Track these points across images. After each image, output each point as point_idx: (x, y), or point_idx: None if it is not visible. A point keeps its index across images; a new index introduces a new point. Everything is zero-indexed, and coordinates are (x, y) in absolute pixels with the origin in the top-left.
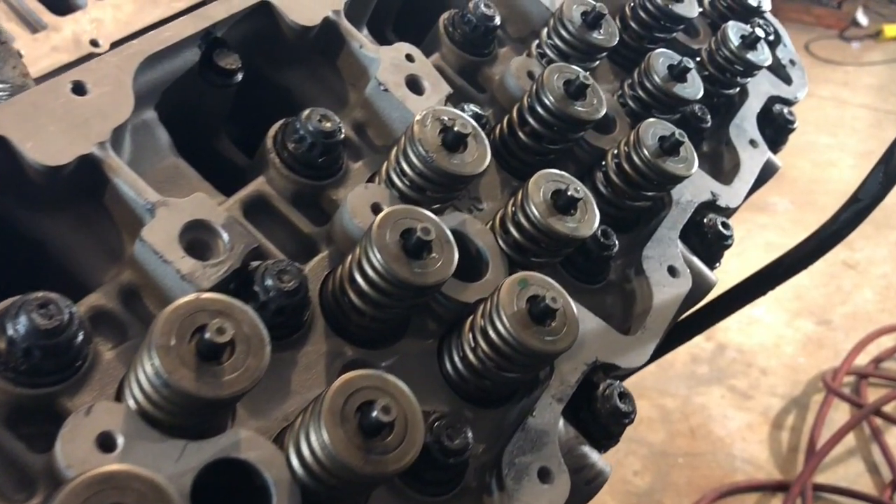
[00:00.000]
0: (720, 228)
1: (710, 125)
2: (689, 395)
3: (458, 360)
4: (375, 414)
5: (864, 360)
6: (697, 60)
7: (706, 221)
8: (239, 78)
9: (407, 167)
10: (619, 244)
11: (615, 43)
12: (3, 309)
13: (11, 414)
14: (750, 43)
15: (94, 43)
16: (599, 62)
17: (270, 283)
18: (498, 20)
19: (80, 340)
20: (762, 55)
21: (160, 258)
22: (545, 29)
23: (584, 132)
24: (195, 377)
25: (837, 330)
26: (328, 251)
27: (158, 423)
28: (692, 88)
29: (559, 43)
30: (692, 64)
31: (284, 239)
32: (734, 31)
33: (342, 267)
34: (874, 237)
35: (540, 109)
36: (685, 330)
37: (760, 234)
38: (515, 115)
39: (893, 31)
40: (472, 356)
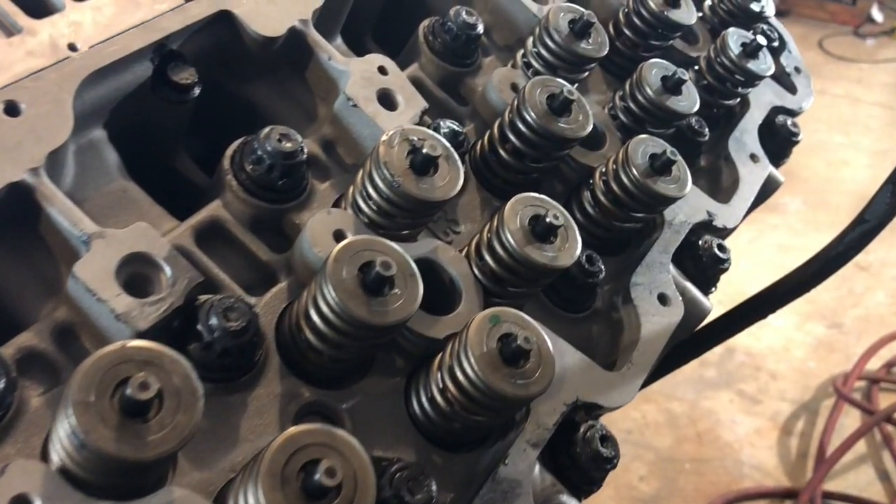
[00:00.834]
0: (716, 251)
1: (707, 138)
2: (696, 399)
3: (425, 401)
4: (318, 477)
5: (875, 364)
6: (695, 69)
7: (701, 244)
8: (196, 93)
9: (373, 191)
10: (607, 268)
11: (604, 53)
12: None
13: None
14: (751, 51)
15: (72, 47)
16: (590, 72)
17: (215, 322)
18: (480, 28)
19: (1, 388)
20: (764, 64)
21: (94, 296)
22: (530, 38)
23: (569, 149)
24: (115, 437)
25: (849, 334)
26: (287, 282)
27: (83, 483)
28: (687, 102)
29: (545, 53)
30: (687, 75)
31: (241, 268)
32: (734, 38)
33: (299, 302)
34: (887, 238)
35: (521, 126)
36: (677, 356)
37: (772, 234)
38: (496, 131)
39: None
40: (439, 398)
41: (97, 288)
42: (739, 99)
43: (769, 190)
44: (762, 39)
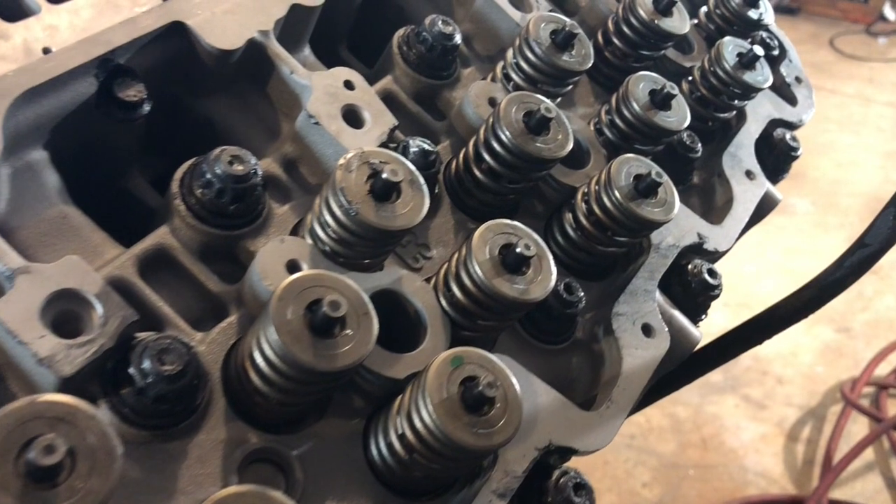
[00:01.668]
0: (706, 277)
1: (700, 154)
2: (701, 403)
3: (384, 447)
4: None
5: (885, 370)
6: (689, 80)
7: (691, 268)
8: (145, 110)
9: (330, 219)
10: (589, 295)
11: (588, 66)
12: None
13: None
14: (747, 62)
15: (46, 52)
16: (574, 86)
17: (148, 365)
18: (458, 39)
19: None
20: (760, 76)
21: (14, 338)
22: (510, 49)
23: (548, 170)
24: None
25: (857, 338)
26: (238, 315)
27: None
28: (676, 117)
29: (525, 66)
30: (676, 90)
31: (189, 300)
32: (730, 48)
33: (244, 341)
34: None
35: (496, 146)
36: (663, 386)
37: (779, 237)
38: (471, 150)
39: None
40: (398, 445)
41: (18, 329)
42: (735, 112)
43: (766, 208)
44: (759, 49)
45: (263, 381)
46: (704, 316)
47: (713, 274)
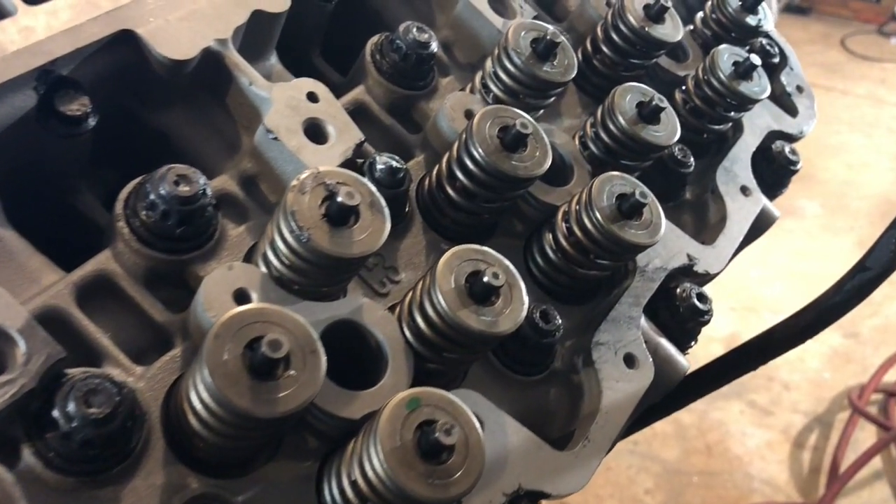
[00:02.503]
0: (695, 302)
1: (692, 169)
2: (706, 409)
3: (336, 493)
4: None
5: (893, 376)
6: (682, 90)
7: (679, 292)
8: (90, 125)
9: (282, 244)
10: (570, 320)
11: (571, 77)
12: None
13: None
14: (744, 71)
15: None
16: (559, 96)
17: (74, 408)
18: (434, 47)
19: None
20: (757, 86)
21: None
22: (489, 59)
23: (525, 189)
24: None
25: (866, 344)
26: (182, 348)
27: None
28: (665, 132)
29: (504, 77)
30: (666, 102)
31: (132, 331)
32: (725, 56)
33: (183, 380)
34: None
35: (469, 163)
36: (647, 415)
37: (787, 240)
38: (444, 166)
39: None
40: (350, 492)
41: None
42: (731, 123)
43: (762, 226)
44: (756, 59)
45: (201, 424)
46: (694, 343)
47: (703, 299)
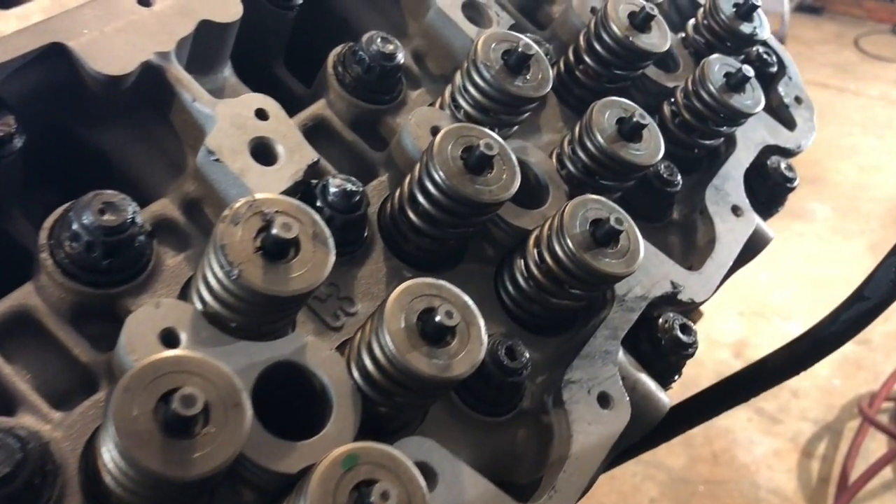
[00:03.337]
0: (678, 334)
1: (679, 188)
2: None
3: None
4: None
5: None
6: (671, 102)
7: (661, 323)
8: (17, 146)
9: (213, 279)
10: (544, 352)
11: (545, 92)
12: None
13: None
14: (736, 84)
15: None
16: (536, 110)
17: None
18: (400, 58)
19: None
20: (750, 99)
21: None
22: (458, 72)
23: (491, 213)
24: None
25: (877, 350)
26: (107, 391)
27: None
28: (647, 151)
29: (473, 91)
30: (648, 118)
31: (54, 372)
32: (716, 67)
33: (98, 432)
34: None
35: (430, 186)
36: (631, 448)
37: (797, 243)
38: (406, 189)
39: None
40: None
41: None
42: (723, 138)
43: (756, 247)
44: (749, 70)
45: (115, 483)
46: (678, 377)
47: (687, 330)
